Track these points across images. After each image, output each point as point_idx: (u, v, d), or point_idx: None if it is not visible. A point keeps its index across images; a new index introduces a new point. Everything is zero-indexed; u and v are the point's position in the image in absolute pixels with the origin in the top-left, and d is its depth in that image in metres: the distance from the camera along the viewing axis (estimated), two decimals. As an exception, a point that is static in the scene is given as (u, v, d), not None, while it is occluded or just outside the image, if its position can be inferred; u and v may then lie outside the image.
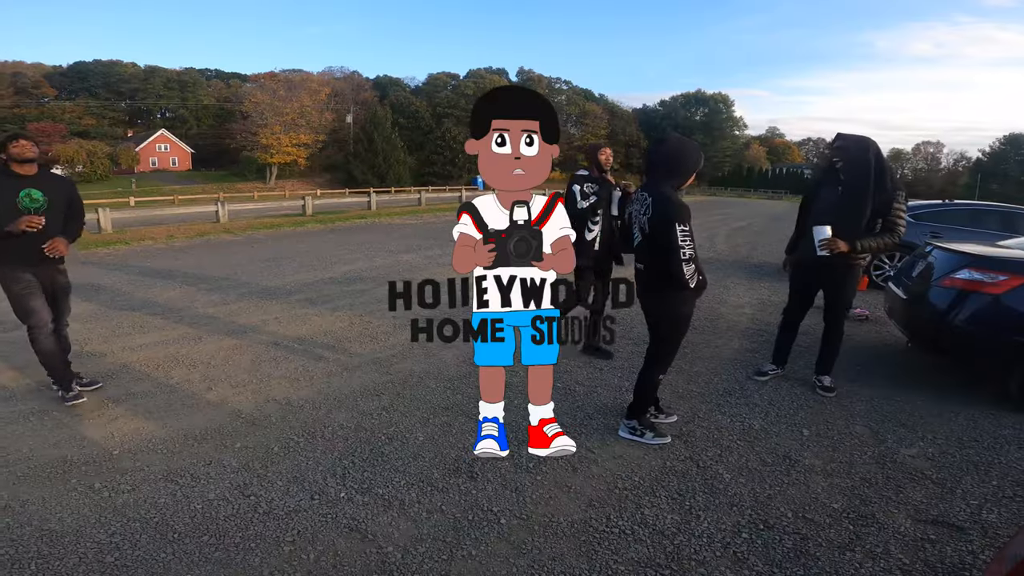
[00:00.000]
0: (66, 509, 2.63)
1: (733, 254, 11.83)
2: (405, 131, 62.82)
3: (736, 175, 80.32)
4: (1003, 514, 2.68)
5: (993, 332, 3.86)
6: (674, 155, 3.10)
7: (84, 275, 8.30)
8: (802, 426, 3.59)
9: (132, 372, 4.34)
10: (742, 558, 2.36)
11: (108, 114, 65.77)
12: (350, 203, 25.13)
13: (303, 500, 2.71)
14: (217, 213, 15.50)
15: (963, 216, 8.44)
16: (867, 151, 3.77)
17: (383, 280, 8.09)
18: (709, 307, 6.75)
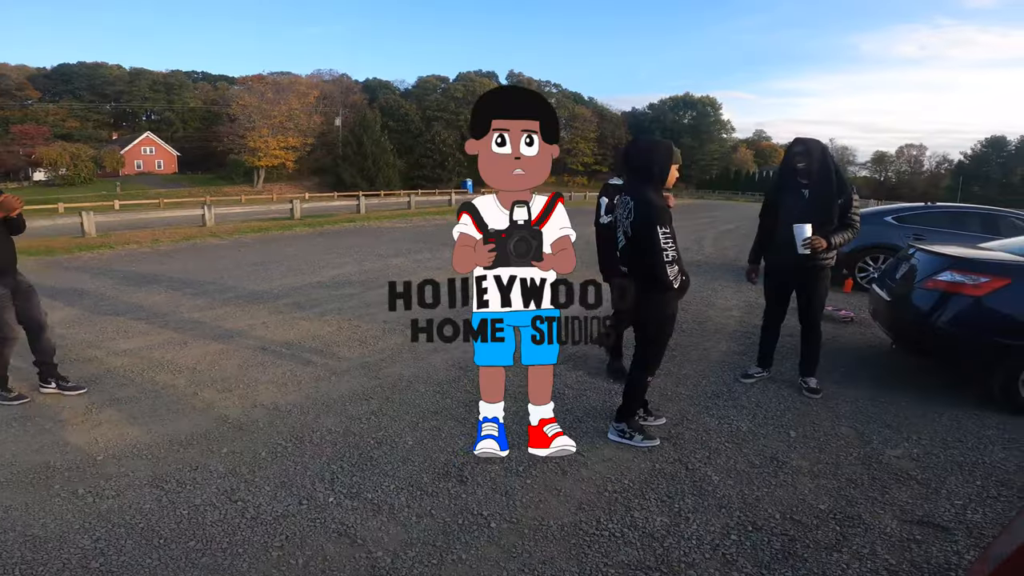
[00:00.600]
0: (49, 515, 2.60)
1: (721, 257, 11.91)
2: (394, 134, 62.76)
3: (724, 178, 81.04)
4: (987, 514, 2.71)
5: (975, 333, 3.91)
6: (643, 156, 3.14)
7: (67, 279, 8.20)
8: (789, 427, 3.61)
9: (116, 377, 4.29)
10: (731, 560, 2.37)
11: (92, 116, 65.09)
12: (339, 206, 25.07)
13: (291, 505, 2.69)
14: (203, 216, 15.37)
15: (945, 219, 8.56)
16: (825, 154, 3.91)
17: (372, 284, 8.06)
18: (697, 310, 6.79)
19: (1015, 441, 3.46)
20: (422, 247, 12.42)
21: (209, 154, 61.56)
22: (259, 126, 53.53)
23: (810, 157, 3.86)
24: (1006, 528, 1.59)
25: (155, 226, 15.04)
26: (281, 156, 55.27)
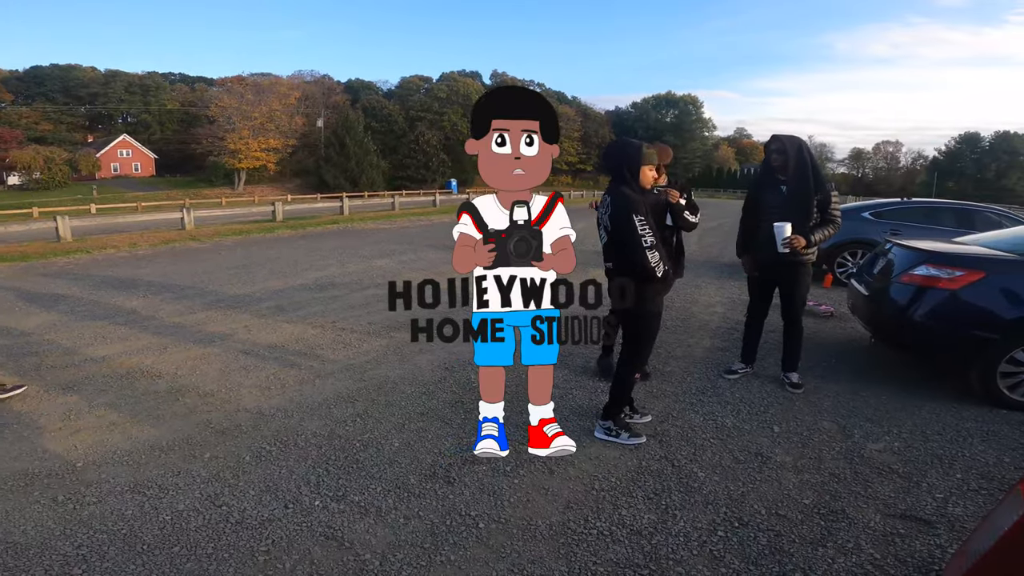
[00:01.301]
0: (30, 522, 2.55)
1: (704, 254, 12.00)
2: (378, 135, 62.39)
3: (706, 176, 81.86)
4: (968, 507, 2.76)
5: (951, 326, 3.98)
6: (614, 158, 3.21)
7: (43, 285, 8.04)
8: (772, 423, 3.65)
9: (95, 383, 4.21)
10: (719, 556, 2.38)
11: (66, 119, 63.84)
12: (322, 208, 24.85)
13: (277, 509, 2.66)
14: (183, 220, 15.14)
15: (921, 214, 8.72)
16: (802, 151, 3.96)
17: (356, 286, 8.01)
18: (681, 306, 6.84)
19: (994, 434, 3.52)
20: (407, 248, 12.36)
21: (188, 156, 60.65)
22: (239, 128, 52.79)
23: (786, 154, 3.91)
24: (983, 523, 1.61)
25: (133, 230, 14.79)
26: (262, 158, 54.58)
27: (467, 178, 58.65)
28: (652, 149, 3.21)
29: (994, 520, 1.51)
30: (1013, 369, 3.83)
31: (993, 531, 1.47)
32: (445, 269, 8.85)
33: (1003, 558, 1.43)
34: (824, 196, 3.94)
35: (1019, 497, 1.44)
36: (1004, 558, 1.42)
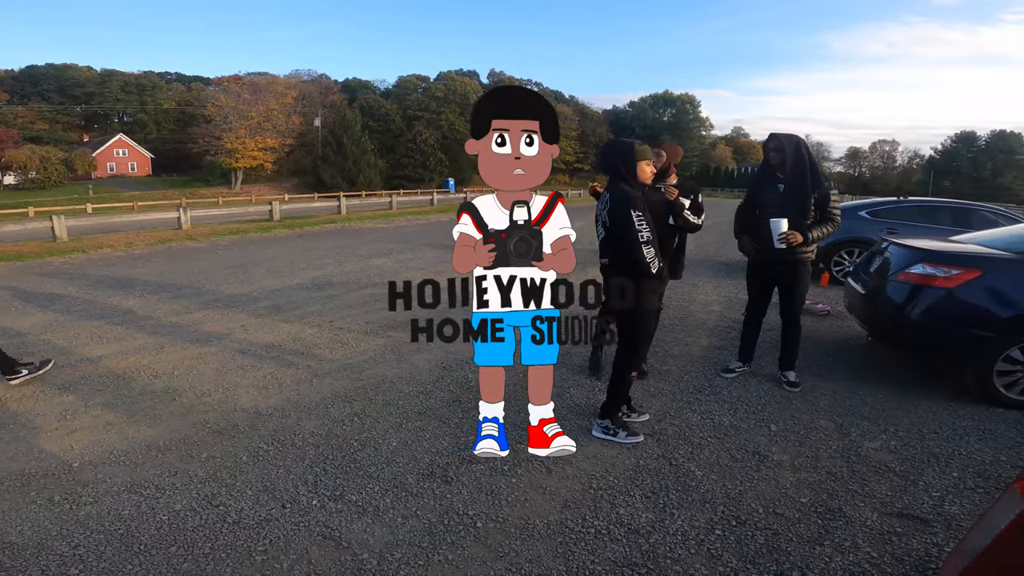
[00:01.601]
0: (26, 522, 2.54)
1: (701, 253, 12.01)
2: (375, 134, 62.28)
3: (704, 175, 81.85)
4: (965, 506, 2.76)
5: (948, 325, 3.99)
6: (609, 157, 3.24)
7: (39, 285, 8.01)
8: (769, 421, 3.66)
9: (91, 383, 4.20)
10: (716, 555, 2.39)
11: (62, 119, 63.45)
12: (319, 207, 24.78)
13: (274, 509, 2.66)
14: (179, 219, 15.09)
15: (917, 213, 8.74)
16: (800, 149, 3.96)
17: (353, 286, 8.00)
18: (679, 305, 6.84)
19: (990, 432, 3.53)
20: (404, 248, 12.35)
21: (184, 156, 60.40)
22: (236, 127, 52.58)
23: (784, 152, 3.92)
24: (979, 522, 1.61)
25: (129, 230, 14.74)
26: (259, 157, 54.37)
27: (464, 177, 58.62)
28: (645, 145, 3.23)
29: (991, 518, 1.51)
30: (1009, 367, 3.84)
31: (990, 529, 1.47)
32: (443, 268, 8.85)
33: (999, 556, 1.43)
34: (822, 194, 3.94)
35: (1015, 495, 1.44)
36: (1000, 556, 1.42)
